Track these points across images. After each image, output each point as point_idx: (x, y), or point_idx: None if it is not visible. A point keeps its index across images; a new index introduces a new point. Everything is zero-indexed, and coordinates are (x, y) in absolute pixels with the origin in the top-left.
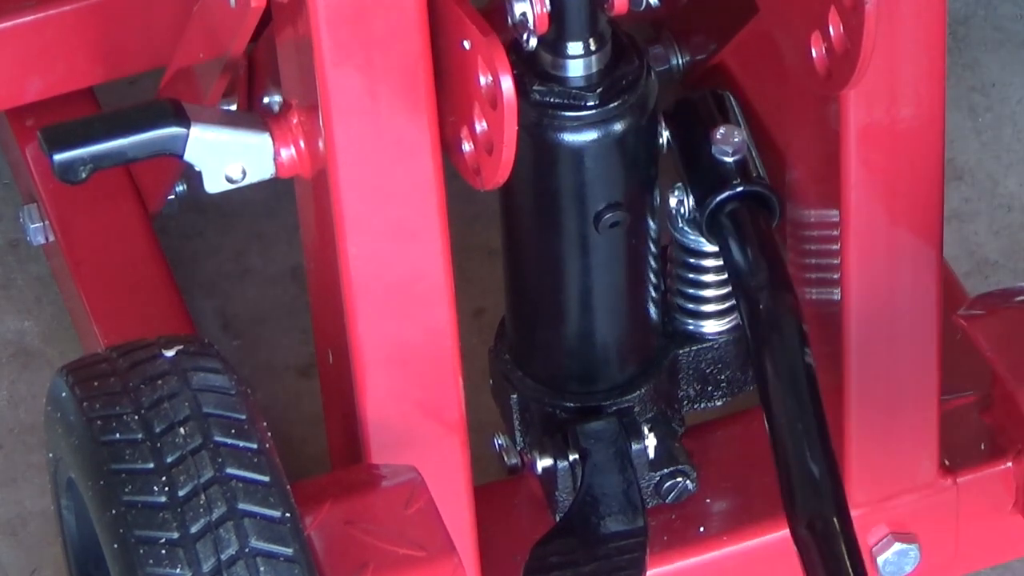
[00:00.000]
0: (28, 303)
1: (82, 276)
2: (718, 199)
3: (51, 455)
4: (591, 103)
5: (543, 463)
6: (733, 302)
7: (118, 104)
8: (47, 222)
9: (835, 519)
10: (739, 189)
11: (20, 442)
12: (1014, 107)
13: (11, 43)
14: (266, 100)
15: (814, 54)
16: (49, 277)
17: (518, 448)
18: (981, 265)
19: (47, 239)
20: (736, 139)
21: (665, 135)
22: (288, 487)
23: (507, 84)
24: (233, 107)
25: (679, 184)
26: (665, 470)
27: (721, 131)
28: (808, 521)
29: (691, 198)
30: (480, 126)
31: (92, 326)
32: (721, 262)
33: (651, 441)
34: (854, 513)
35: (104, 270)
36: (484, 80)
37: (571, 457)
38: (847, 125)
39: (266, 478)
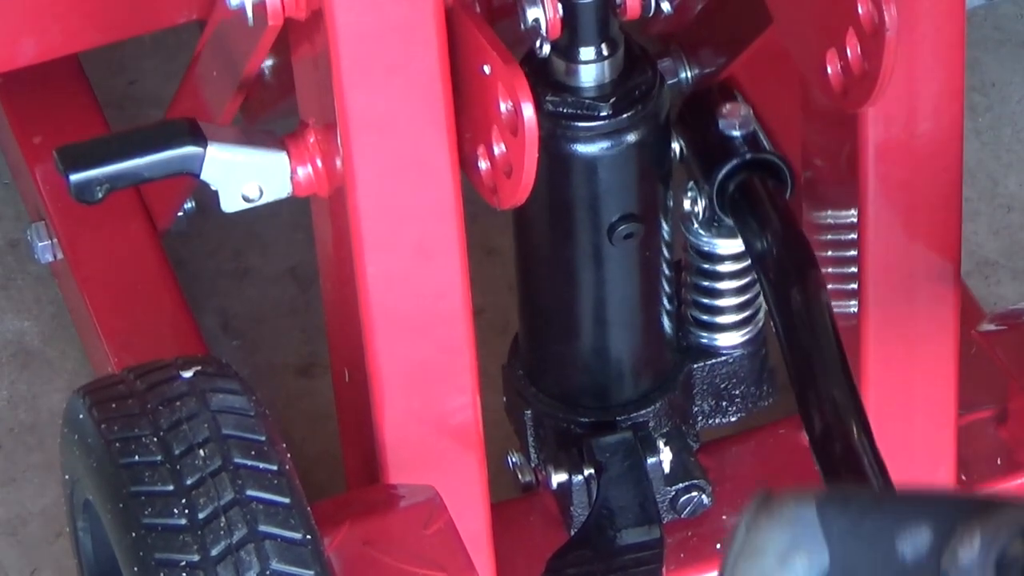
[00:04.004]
0: (28, 303)
1: (91, 294)
2: (727, 169)
3: (67, 476)
4: (604, 113)
5: (558, 478)
6: (747, 314)
7: (117, 104)
8: (55, 240)
9: (856, 434)
10: (747, 157)
11: (20, 442)
12: (1014, 107)
13: (2, 5)
14: None
15: (829, 71)
16: (49, 277)
17: (532, 464)
18: (981, 265)
19: (55, 257)
20: (742, 112)
21: (677, 146)
22: (308, 508)
23: (529, 113)
24: None
25: (692, 185)
26: (680, 484)
27: (727, 107)
28: (825, 430)
29: (704, 195)
30: (498, 148)
31: (102, 344)
32: (736, 268)
33: (666, 455)
34: None
35: (113, 288)
36: (504, 106)
37: (586, 472)
38: (865, 141)
39: (287, 500)
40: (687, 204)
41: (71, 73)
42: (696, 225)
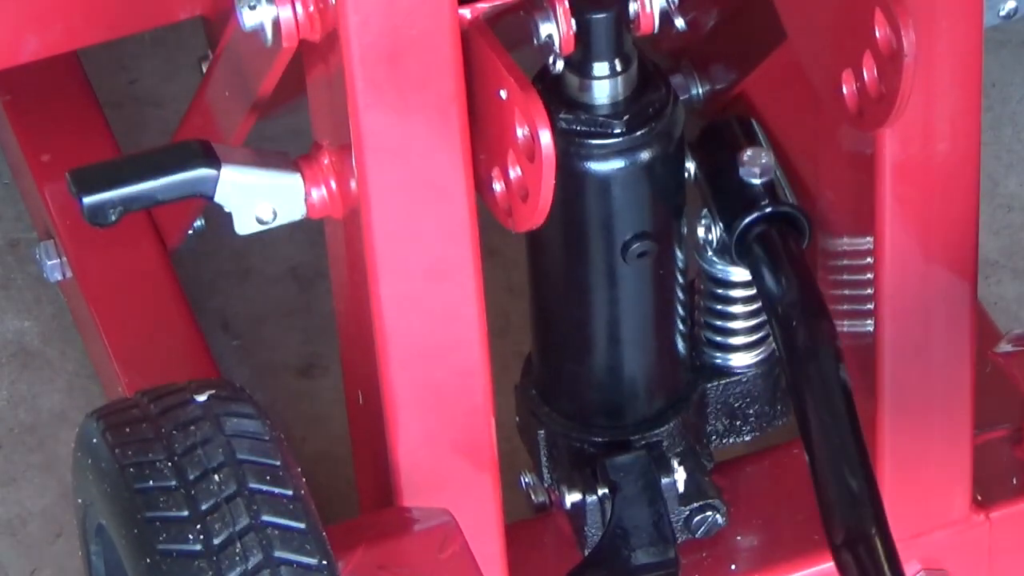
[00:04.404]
0: (28, 303)
1: (101, 313)
2: (746, 221)
3: (80, 500)
4: (618, 131)
5: (572, 498)
6: (761, 335)
7: (117, 103)
8: (64, 259)
9: (875, 534)
10: (768, 210)
11: (20, 442)
12: (1014, 107)
13: (5, 1)
14: None
15: (845, 91)
16: None
17: (545, 485)
18: (981, 265)
19: (64, 276)
20: (763, 161)
21: (691, 165)
22: (324, 533)
23: (546, 140)
24: None
25: (706, 212)
26: (695, 504)
27: (748, 153)
28: (847, 537)
29: (719, 226)
30: (514, 172)
31: (112, 364)
32: (749, 293)
33: (680, 475)
34: None
35: (123, 307)
36: (521, 132)
37: (600, 491)
38: (882, 160)
39: (302, 525)
40: (701, 231)
41: (80, 90)
42: (710, 253)
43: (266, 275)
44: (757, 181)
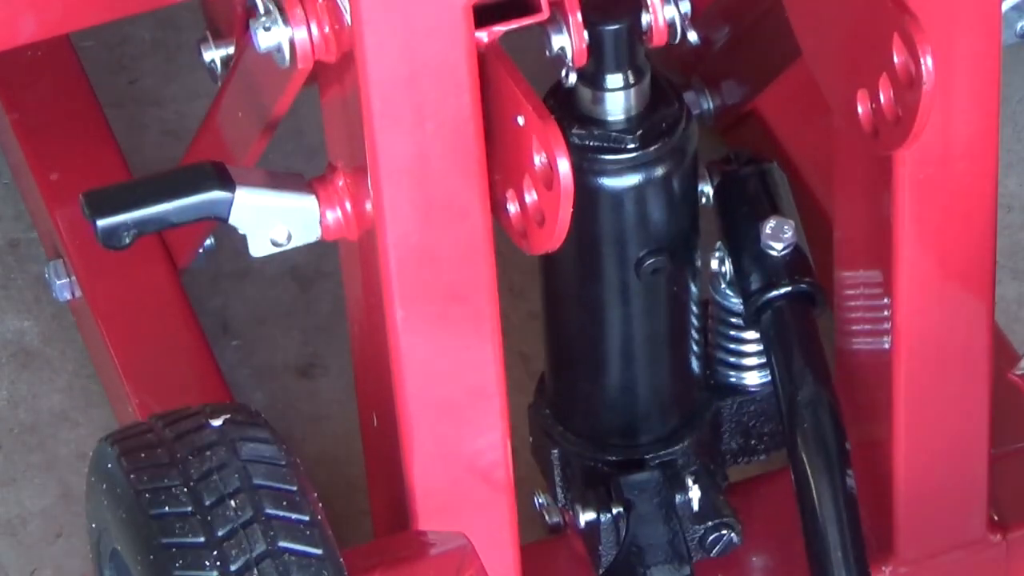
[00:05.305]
0: (28, 303)
1: (111, 333)
2: (764, 298)
3: (94, 525)
4: (631, 146)
5: (586, 517)
6: None
7: (117, 103)
8: (73, 278)
9: None
10: (786, 290)
11: (20, 442)
12: (1014, 107)
13: None
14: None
15: (860, 111)
16: None
17: (559, 505)
18: None
19: (73, 295)
20: (787, 234)
21: (708, 189)
22: (341, 560)
23: (565, 169)
24: (231, 50)
25: (719, 245)
26: (710, 523)
27: (771, 224)
28: None
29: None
30: (530, 196)
31: (123, 384)
32: None
33: (695, 493)
34: (901, 571)
35: (133, 327)
36: (538, 159)
37: (614, 510)
38: (898, 180)
39: (319, 551)
40: (714, 264)
41: (88, 108)
42: (723, 285)
43: (266, 275)
44: (777, 254)
